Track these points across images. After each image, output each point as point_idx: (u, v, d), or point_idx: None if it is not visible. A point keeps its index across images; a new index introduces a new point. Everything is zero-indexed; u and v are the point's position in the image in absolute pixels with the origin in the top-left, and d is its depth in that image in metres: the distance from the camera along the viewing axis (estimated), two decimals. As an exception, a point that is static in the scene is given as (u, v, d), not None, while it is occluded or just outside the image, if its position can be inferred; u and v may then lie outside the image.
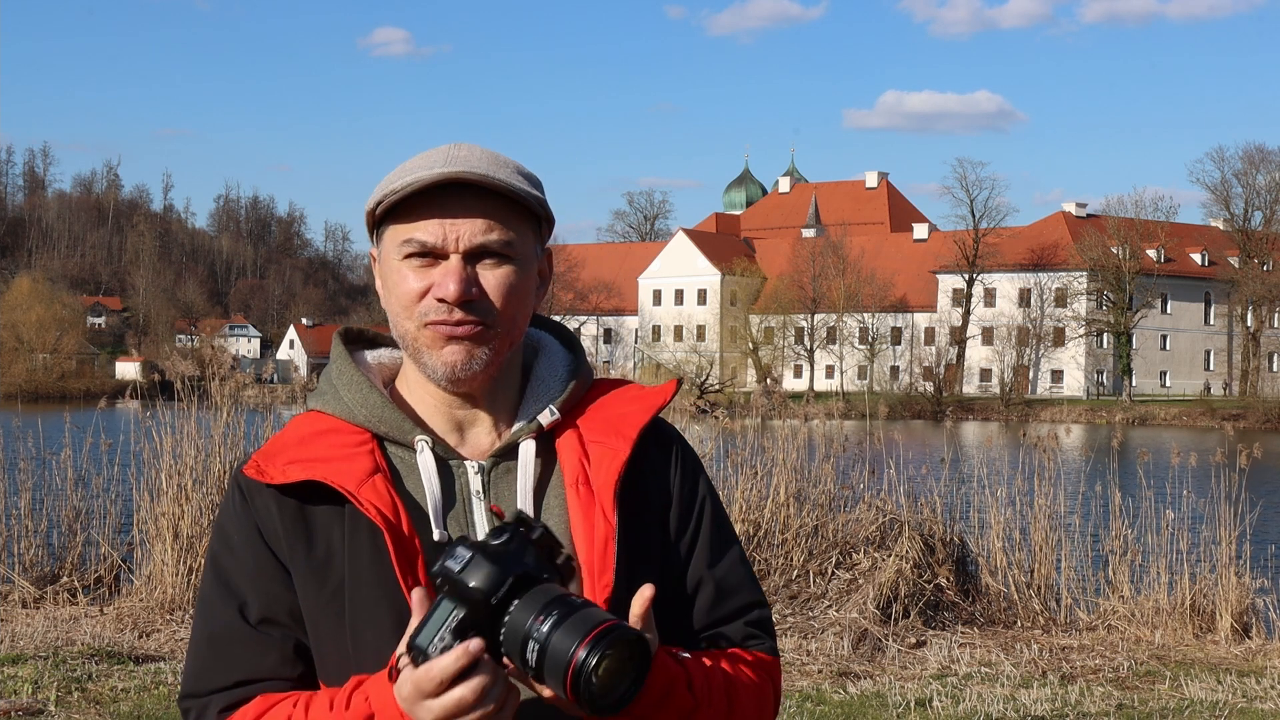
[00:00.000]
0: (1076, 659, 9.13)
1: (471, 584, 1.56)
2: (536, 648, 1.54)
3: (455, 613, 1.56)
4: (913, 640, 9.47)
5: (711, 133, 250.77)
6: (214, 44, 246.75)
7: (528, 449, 1.83)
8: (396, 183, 1.78)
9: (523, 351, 1.92)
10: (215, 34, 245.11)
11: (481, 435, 1.86)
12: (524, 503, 1.81)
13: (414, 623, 1.59)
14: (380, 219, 1.84)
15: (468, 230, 1.77)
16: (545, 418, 1.85)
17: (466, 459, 1.84)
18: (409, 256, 1.79)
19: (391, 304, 1.82)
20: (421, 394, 1.86)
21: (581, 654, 1.51)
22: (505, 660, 1.58)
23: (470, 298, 1.77)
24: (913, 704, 7.77)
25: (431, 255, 1.78)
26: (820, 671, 8.63)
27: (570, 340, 1.96)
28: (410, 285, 1.79)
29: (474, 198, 1.78)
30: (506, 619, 1.56)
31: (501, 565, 1.57)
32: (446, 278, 1.77)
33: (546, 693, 1.58)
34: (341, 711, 1.68)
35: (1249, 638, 9.83)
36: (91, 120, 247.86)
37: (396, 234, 1.81)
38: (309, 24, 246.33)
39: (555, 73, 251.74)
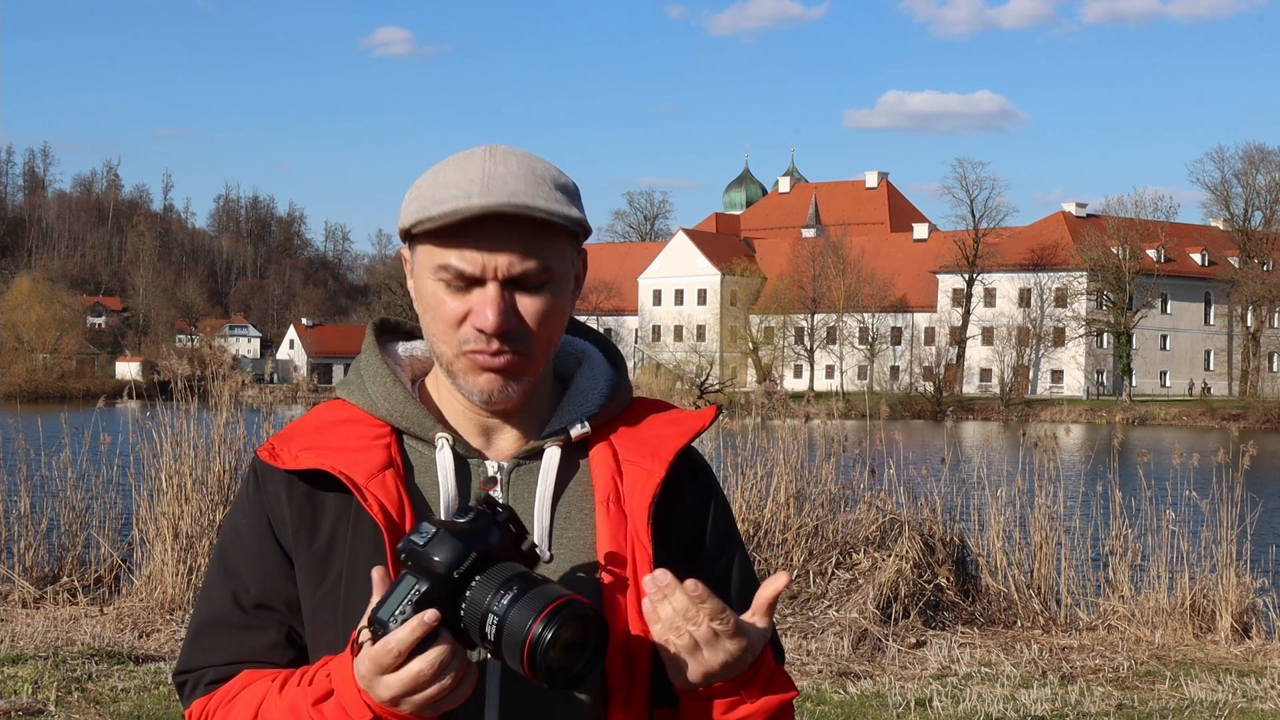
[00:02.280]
0: (1076, 659, 9.12)
1: (435, 558, 1.57)
2: (495, 622, 1.55)
3: (418, 586, 1.57)
4: (913, 640, 9.47)
5: (711, 133, 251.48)
6: (214, 44, 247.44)
7: (552, 455, 1.82)
8: (432, 209, 1.72)
9: (565, 361, 1.91)
10: (215, 34, 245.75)
11: (507, 440, 1.84)
12: (540, 508, 1.80)
13: (375, 598, 1.60)
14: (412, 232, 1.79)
15: (505, 260, 1.72)
16: (576, 430, 1.83)
17: (487, 459, 1.83)
18: (444, 280, 1.75)
19: (427, 320, 1.78)
20: (452, 398, 1.84)
21: (537, 629, 1.53)
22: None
23: (508, 328, 1.73)
24: (913, 704, 7.77)
25: (468, 280, 1.75)
26: (820, 671, 8.63)
27: (614, 355, 1.94)
28: (449, 309, 1.74)
29: (512, 225, 1.72)
30: (467, 594, 1.57)
31: (465, 542, 1.58)
32: (484, 306, 1.72)
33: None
34: (305, 687, 1.69)
35: (1249, 638, 9.83)
36: (91, 120, 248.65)
37: (431, 255, 1.75)
38: (309, 24, 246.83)
39: (556, 73, 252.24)
